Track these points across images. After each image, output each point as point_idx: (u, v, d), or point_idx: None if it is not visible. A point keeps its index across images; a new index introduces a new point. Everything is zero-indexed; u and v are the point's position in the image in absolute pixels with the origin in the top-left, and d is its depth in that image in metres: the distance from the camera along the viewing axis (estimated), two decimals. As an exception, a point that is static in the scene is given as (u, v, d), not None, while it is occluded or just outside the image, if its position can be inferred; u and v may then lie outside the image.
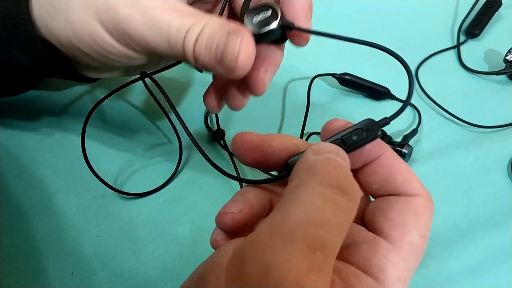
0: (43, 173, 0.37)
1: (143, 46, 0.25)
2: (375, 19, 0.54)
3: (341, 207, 0.17)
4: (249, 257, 0.16)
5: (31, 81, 0.37)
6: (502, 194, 0.38)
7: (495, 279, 0.33)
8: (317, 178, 0.18)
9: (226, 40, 0.23)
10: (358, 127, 0.21)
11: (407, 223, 0.20)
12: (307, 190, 0.17)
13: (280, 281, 0.15)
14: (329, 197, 0.17)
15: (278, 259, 0.15)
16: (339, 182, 0.18)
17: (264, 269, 0.15)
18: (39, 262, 0.32)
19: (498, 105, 0.45)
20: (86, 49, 0.26)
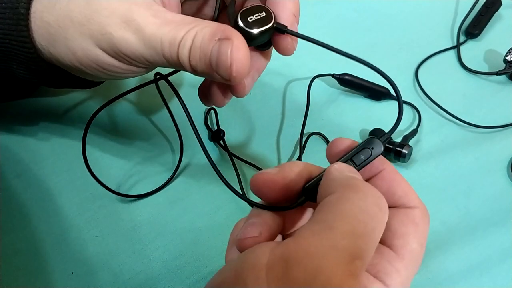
0: (43, 173, 0.37)
1: (143, 62, 0.25)
2: (375, 19, 0.54)
3: (380, 223, 0.19)
4: (296, 261, 0.17)
5: (30, 89, 0.37)
6: (502, 194, 0.38)
7: (495, 279, 0.33)
8: (359, 195, 0.19)
9: (218, 48, 0.23)
10: (364, 147, 0.23)
11: (407, 233, 0.22)
12: (351, 205, 0.19)
13: (327, 284, 0.16)
14: (372, 213, 0.19)
15: (325, 264, 0.17)
16: (378, 201, 0.19)
17: (311, 273, 0.17)
18: (39, 262, 0.32)
19: (498, 105, 0.45)
20: (90, 71, 0.27)
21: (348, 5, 0.55)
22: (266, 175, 0.23)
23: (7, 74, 0.29)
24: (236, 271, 0.19)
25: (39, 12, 0.26)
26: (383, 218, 0.19)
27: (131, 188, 0.36)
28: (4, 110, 0.39)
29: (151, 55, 0.24)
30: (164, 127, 0.41)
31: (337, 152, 0.24)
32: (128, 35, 0.24)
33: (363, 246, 0.18)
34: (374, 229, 0.19)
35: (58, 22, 0.25)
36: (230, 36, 0.23)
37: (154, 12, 0.24)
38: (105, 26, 0.24)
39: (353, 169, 0.22)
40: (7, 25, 0.26)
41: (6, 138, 0.38)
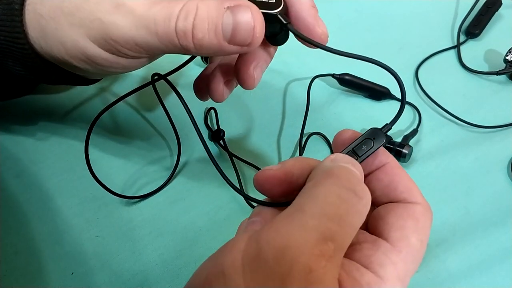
0: (43, 173, 0.37)
1: (133, 48, 0.25)
2: (375, 19, 0.54)
3: (353, 207, 0.19)
4: (265, 241, 0.17)
5: (28, 87, 0.37)
6: (502, 194, 0.38)
7: (495, 279, 0.33)
8: (333, 179, 0.19)
9: (233, 16, 0.23)
10: (366, 137, 0.23)
11: (406, 226, 0.21)
12: (323, 189, 0.19)
13: (294, 262, 0.16)
14: (343, 196, 0.19)
15: (292, 243, 0.17)
16: (353, 186, 0.19)
17: (279, 251, 0.17)
18: (39, 262, 0.32)
19: (498, 105, 0.45)
20: (79, 64, 0.26)
21: (349, 5, 0.55)
22: (268, 172, 0.23)
23: (4, 71, 0.29)
24: (218, 255, 0.19)
25: (32, 4, 0.26)
26: (359, 203, 0.19)
27: (131, 188, 0.36)
28: (3, 110, 0.39)
29: (143, 38, 0.23)
30: (164, 127, 0.40)
31: (341, 143, 0.24)
32: (117, 18, 0.23)
33: (335, 228, 0.18)
34: (348, 213, 0.18)
35: (50, 13, 0.25)
36: (242, 3, 0.23)
37: None
38: (95, 12, 0.24)
39: (351, 160, 0.21)
40: (1, 21, 0.26)
41: (6, 138, 0.38)
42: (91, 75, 0.31)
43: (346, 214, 0.18)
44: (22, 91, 0.37)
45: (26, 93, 0.38)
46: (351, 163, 0.21)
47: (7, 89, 0.34)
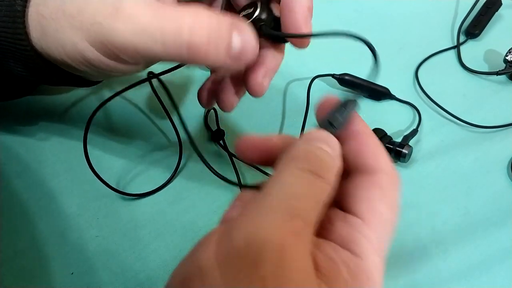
0: (44, 173, 0.37)
1: (132, 55, 0.25)
2: (375, 19, 0.54)
3: (314, 185, 0.19)
4: (236, 229, 0.18)
5: (29, 88, 0.37)
6: (502, 194, 0.38)
7: (495, 279, 0.33)
8: (295, 163, 0.20)
9: (239, 36, 0.24)
10: (340, 106, 0.23)
11: (371, 197, 0.21)
12: (286, 172, 0.20)
13: (264, 244, 0.17)
14: (304, 177, 0.19)
15: (261, 225, 0.17)
16: (315, 168, 0.20)
17: (249, 236, 0.17)
18: (39, 262, 0.32)
19: (498, 105, 0.45)
20: (78, 66, 0.26)
21: (348, 5, 0.55)
22: (248, 136, 0.24)
23: (5, 72, 0.29)
24: (193, 254, 0.19)
25: (35, 6, 0.26)
26: (320, 182, 0.20)
27: (131, 187, 0.36)
28: (4, 110, 0.39)
29: (145, 45, 0.23)
30: (165, 126, 0.41)
31: (320, 113, 0.24)
32: (118, 23, 0.23)
33: (300, 205, 0.18)
34: (309, 190, 0.19)
35: (52, 14, 0.25)
36: (239, 22, 0.24)
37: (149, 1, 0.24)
38: (95, 15, 0.24)
39: (328, 138, 0.21)
40: (4, 23, 0.26)
41: (7, 138, 0.38)
42: (92, 77, 0.31)
43: (307, 191, 0.19)
44: (23, 91, 0.37)
45: (27, 93, 0.38)
46: (324, 141, 0.21)
47: (8, 90, 0.34)
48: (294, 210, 0.18)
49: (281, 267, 0.16)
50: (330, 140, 0.21)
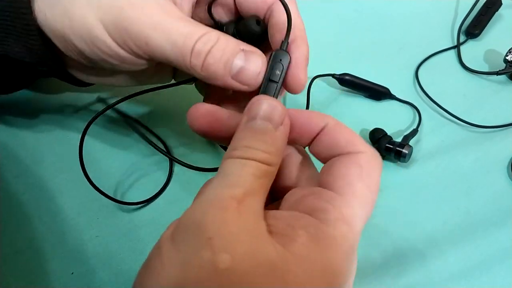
0: (43, 173, 0.37)
1: (141, 47, 0.25)
2: (375, 19, 0.54)
3: (251, 158, 0.21)
4: (185, 213, 0.20)
5: (24, 79, 0.37)
6: (502, 194, 0.38)
7: (495, 279, 0.33)
8: (234, 142, 0.22)
9: (245, 58, 0.25)
10: (274, 62, 0.25)
11: (349, 174, 0.21)
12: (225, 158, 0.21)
13: (208, 209, 0.18)
14: (238, 154, 0.21)
15: (203, 199, 0.19)
16: (251, 143, 0.21)
17: (194, 209, 0.19)
18: (39, 262, 0.32)
19: (498, 105, 0.45)
20: (79, 45, 0.26)
21: (349, 5, 0.55)
22: (202, 103, 0.25)
23: (2, 57, 0.29)
24: (146, 261, 0.21)
25: None
26: (255, 153, 0.21)
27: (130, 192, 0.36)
28: (4, 110, 0.39)
29: (157, 41, 0.25)
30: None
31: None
32: (139, 14, 0.24)
33: (233, 178, 0.20)
34: (245, 163, 0.20)
35: None
36: (255, 50, 0.26)
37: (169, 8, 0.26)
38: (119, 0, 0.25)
39: (263, 110, 0.22)
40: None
41: (6, 138, 0.38)
42: (83, 72, 0.31)
43: (237, 171, 0.20)
44: (20, 82, 0.36)
45: (24, 85, 0.37)
46: (263, 116, 0.22)
47: (5, 79, 0.34)
48: (232, 182, 0.19)
49: (225, 226, 0.17)
50: (270, 112, 0.22)
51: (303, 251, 0.18)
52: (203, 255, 0.17)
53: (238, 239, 0.17)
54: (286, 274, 0.17)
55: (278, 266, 0.17)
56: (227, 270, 0.16)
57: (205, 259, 0.17)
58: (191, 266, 0.17)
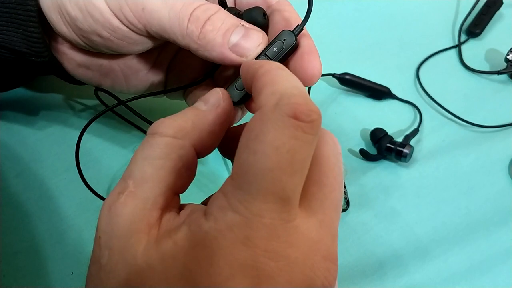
0: (43, 172, 0.36)
1: (138, 13, 0.25)
2: (376, 18, 0.53)
3: (146, 144, 0.20)
4: None
5: (21, 75, 0.37)
6: (502, 194, 0.38)
7: (496, 279, 0.33)
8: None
9: (245, 32, 0.24)
10: (276, 39, 0.24)
11: (240, 147, 0.17)
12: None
13: (101, 208, 0.19)
14: (144, 140, 0.20)
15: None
16: (152, 129, 0.21)
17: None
18: (39, 262, 0.32)
19: (499, 105, 0.45)
20: (73, 12, 0.26)
21: (349, 4, 0.55)
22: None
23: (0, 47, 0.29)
24: None
25: None
26: (151, 138, 0.20)
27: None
28: (4, 109, 0.39)
29: (154, 6, 0.24)
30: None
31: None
32: None
33: (130, 167, 0.20)
34: (144, 150, 0.20)
35: None
36: (257, 28, 0.25)
37: None
38: None
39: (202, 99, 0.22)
40: None
41: (6, 137, 0.38)
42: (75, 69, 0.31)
43: (137, 154, 0.20)
44: (17, 79, 0.36)
45: (21, 82, 0.37)
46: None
47: (1, 75, 0.34)
48: (126, 172, 0.19)
49: (108, 225, 0.18)
50: (208, 94, 0.22)
51: (170, 249, 0.17)
52: (95, 253, 0.19)
53: (115, 235, 0.18)
54: (145, 279, 0.17)
55: (139, 267, 0.17)
56: (106, 264, 0.18)
57: (96, 256, 0.19)
58: (91, 262, 0.20)
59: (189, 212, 0.19)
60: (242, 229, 0.16)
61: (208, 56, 0.25)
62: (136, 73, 0.31)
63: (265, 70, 0.20)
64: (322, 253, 0.17)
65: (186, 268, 0.16)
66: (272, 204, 0.16)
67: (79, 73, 0.32)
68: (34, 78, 0.39)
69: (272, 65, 0.20)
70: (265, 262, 0.16)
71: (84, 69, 0.31)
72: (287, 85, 0.18)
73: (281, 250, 0.16)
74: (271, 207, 0.16)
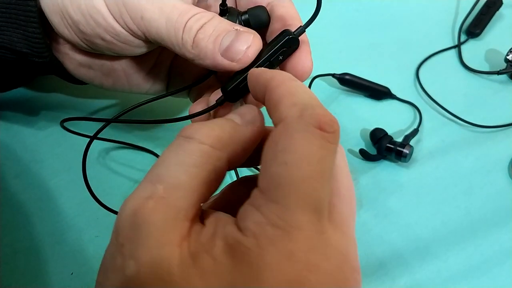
0: (43, 173, 0.36)
1: (137, 21, 0.25)
2: (376, 19, 0.53)
3: (180, 148, 0.19)
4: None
5: (22, 76, 0.37)
6: (502, 194, 0.38)
7: (496, 279, 0.33)
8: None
9: (235, 35, 0.25)
10: (282, 48, 0.25)
11: (266, 159, 0.18)
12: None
13: (123, 210, 0.17)
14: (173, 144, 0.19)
15: (127, 199, 0.18)
16: (185, 132, 0.19)
17: (119, 210, 0.18)
18: (39, 262, 0.32)
19: (499, 105, 0.45)
20: (76, 16, 0.26)
21: (349, 4, 0.55)
22: None
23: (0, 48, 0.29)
24: None
25: None
26: (187, 142, 0.19)
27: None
28: (4, 109, 0.39)
29: (152, 14, 0.25)
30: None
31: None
32: None
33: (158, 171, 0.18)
34: (177, 153, 0.19)
35: None
36: (250, 30, 0.25)
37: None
38: None
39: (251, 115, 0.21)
40: None
41: (6, 137, 0.38)
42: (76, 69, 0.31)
43: (169, 157, 0.19)
44: (17, 79, 0.36)
45: (21, 83, 0.37)
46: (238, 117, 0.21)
47: (1, 75, 0.34)
48: (155, 176, 0.18)
49: (134, 232, 0.17)
50: (244, 110, 0.21)
51: (210, 266, 0.16)
52: (117, 261, 0.17)
53: (144, 245, 0.16)
54: None
55: (177, 284, 0.16)
56: (133, 277, 0.16)
57: (118, 265, 0.17)
58: (109, 271, 0.17)
59: (215, 222, 0.18)
60: (284, 243, 0.16)
61: (203, 64, 0.26)
62: (138, 72, 0.31)
63: (278, 81, 0.20)
64: (351, 264, 0.17)
65: (231, 286, 0.16)
66: (310, 216, 0.16)
67: (80, 73, 0.32)
68: (34, 78, 0.39)
69: (284, 76, 0.20)
70: (307, 275, 0.16)
71: (85, 69, 0.31)
72: (306, 96, 0.19)
73: (319, 263, 0.16)
74: (309, 218, 0.16)
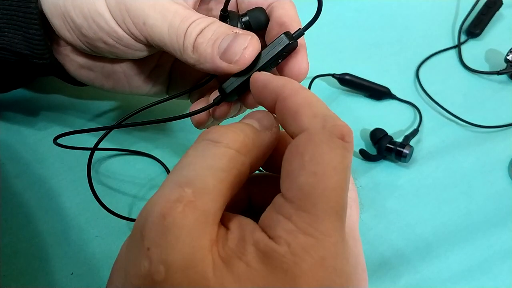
0: (43, 172, 0.36)
1: (139, 26, 0.25)
2: (376, 19, 0.53)
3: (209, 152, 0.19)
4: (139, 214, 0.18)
5: (22, 76, 0.37)
6: (502, 194, 0.38)
7: (496, 279, 0.33)
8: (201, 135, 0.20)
9: (233, 37, 0.25)
10: (281, 52, 0.25)
11: (292, 169, 0.18)
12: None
13: (149, 214, 0.17)
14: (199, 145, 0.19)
15: (151, 200, 0.17)
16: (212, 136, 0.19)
17: (142, 213, 0.17)
18: (39, 262, 0.32)
19: (499, 105, 0.45)
20: (78, 20, 0.26)
21: (349, 4, 0.55)
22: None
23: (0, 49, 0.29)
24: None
25: None
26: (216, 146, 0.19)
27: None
28: (4, 110, 0.39)
29: (154, 20, 0.25)
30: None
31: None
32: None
33: (188, 174, 0.18)
34: (196, 158, 0.18)
35: None
36: (248, 32, 0.25)
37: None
38: None
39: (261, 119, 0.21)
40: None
41: (6, 137, 0.38)
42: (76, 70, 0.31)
43: (196, 160, 0.18)
44: (18, 80, 0.36)
45: (22, 84, 0.37)
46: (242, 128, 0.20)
47: (2, 76, 0.34)
48: (185, 179, 0.17)
49: (164, 235, 0.16)
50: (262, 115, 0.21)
51: (245, 272, 0.16)
52: (142, 265, 0.16)
53: (175, 250, 0.16)
54: None
55: (211, 286, 0.16)
56: (162, 282, 0.16)
57: (144, 270, 0.16)
58: (132, 275, 0.17)
59: (240, 227, 0.18)
60: (317, 250, 0.16)
61: (204, 68, 0.26)
62: (139, 75, 0.31)
63: (292, 90, 0.20)
64: (362, 266, 0.19)
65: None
66: (336, 223, 0.17)
67: (81, 74, 0.32)
68: (34, 79, 0.39)
69: (295, 84, 0.20)
70: (335, 280, 0.16)
71: (86, 70, 0.31)
72: (323, 106, 0.20)
73: (343, 267, 0.17)
74: (335, 225, 0.17)
